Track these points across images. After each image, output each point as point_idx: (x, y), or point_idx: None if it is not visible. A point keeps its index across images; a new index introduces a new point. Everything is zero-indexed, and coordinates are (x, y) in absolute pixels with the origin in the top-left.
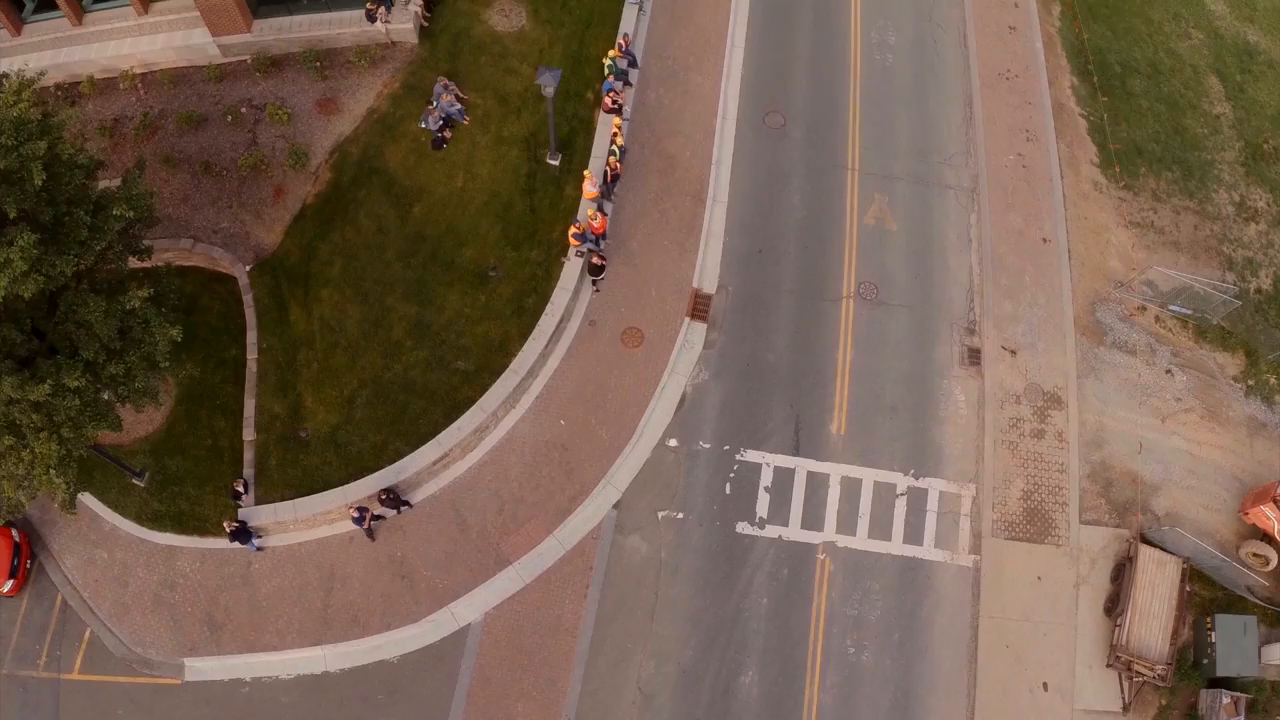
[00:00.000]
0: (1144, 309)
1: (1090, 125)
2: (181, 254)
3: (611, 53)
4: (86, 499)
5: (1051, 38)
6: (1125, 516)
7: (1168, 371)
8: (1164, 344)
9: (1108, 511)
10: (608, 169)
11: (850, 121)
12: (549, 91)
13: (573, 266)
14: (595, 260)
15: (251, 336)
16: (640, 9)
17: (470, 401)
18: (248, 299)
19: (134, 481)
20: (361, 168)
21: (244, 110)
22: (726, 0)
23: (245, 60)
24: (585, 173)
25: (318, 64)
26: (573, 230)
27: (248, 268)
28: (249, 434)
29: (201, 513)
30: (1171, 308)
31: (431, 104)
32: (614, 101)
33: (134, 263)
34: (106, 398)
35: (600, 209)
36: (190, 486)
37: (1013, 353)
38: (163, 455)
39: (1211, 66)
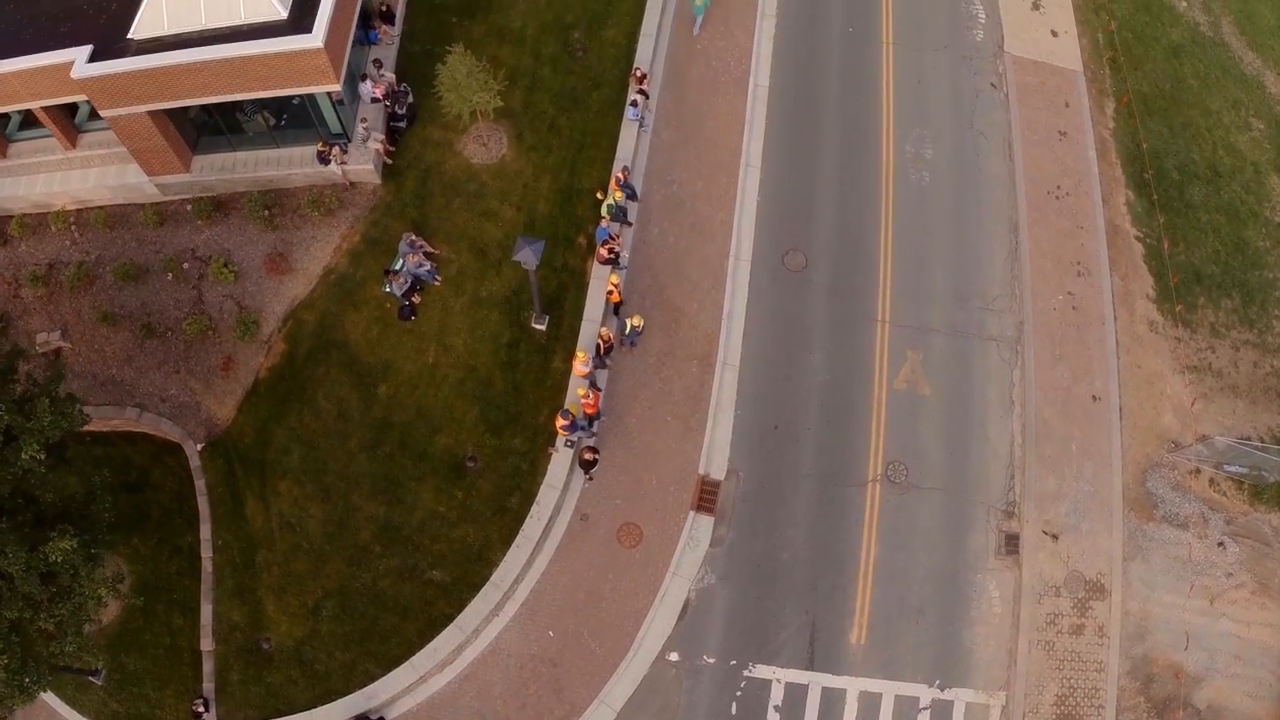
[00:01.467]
0: (1198, 472)
1: (1147, 250)
2: (129, 421)
3: (609, 190)
4: (43, 694)
5: (1105, 142)
6: (1165, 714)
7: (1219, 544)
8: (1217, 511)
9: (1146, 711)
10: (600, 341)
11: (881, 259)
12: (531, 266)
13: (561, 458)
14: (586, 456)
15: (206, 531)
16: (641, 124)
17: (447, 618)
18: (200, 484)
19: (91, 679)
20: (319, 340)
21: (186, 265)
22: (740, 110)
23: (187, 202)
24: (578, 353)
25: (266, 211)
26: (560, 422)
27: (199, 446)
28: (207, 643)
29: (162, 718)
30: (1227, 468)
31: (396, 269)
32: (610, 251)
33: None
34: (28, 681)
35: (593, 384)
36: (150, 689)
37: (1054, 537)
38: (119, 651)
39: (1273, 163)
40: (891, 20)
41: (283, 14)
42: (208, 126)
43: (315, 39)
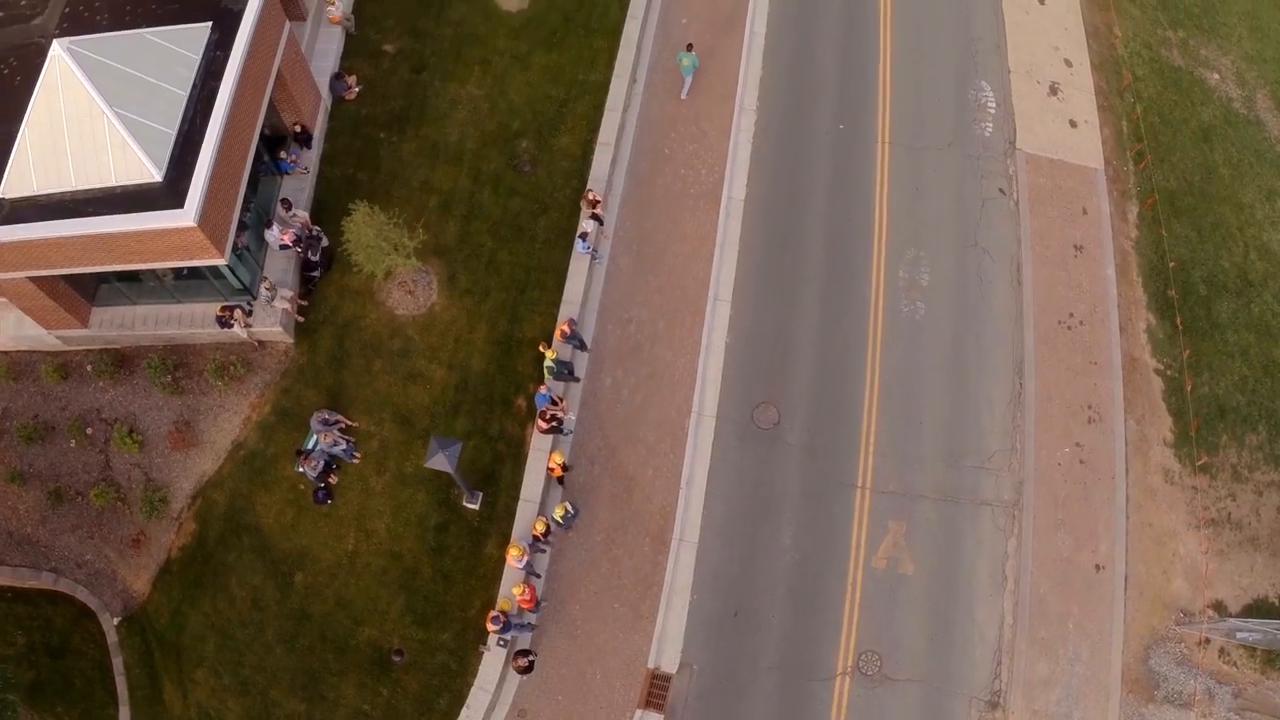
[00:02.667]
0: (1206, 642)
1: (1167, 385)
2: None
3: (549, 351)
4: None
5: (1126, 256)
6: None
7: None
8: (1225, 683)
9: None
10: (535, 532)
11: (865, 413)
12: (448, 469)
13: (493, 658)
14: (520, 663)
15: (125, 714)
16: (594, 256)
17: None
18: (118, 663)
19: None
20: (229, 522)
21: (90, 431)
22: (711, 229)
23: (89, 359)
24: (510, 548)
25: (169, 377)
26: (491, 628)
27: (116, 620)
28: None
29: None
30: (1240, 635)
31: (308, 450)
32: (552, 419)
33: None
34: None
35: (531, 572)
36: None
37: None
38: None
39: None
40: (889, 113)
41: (157, 176)
42: (105, 277)
43: (187, 216)
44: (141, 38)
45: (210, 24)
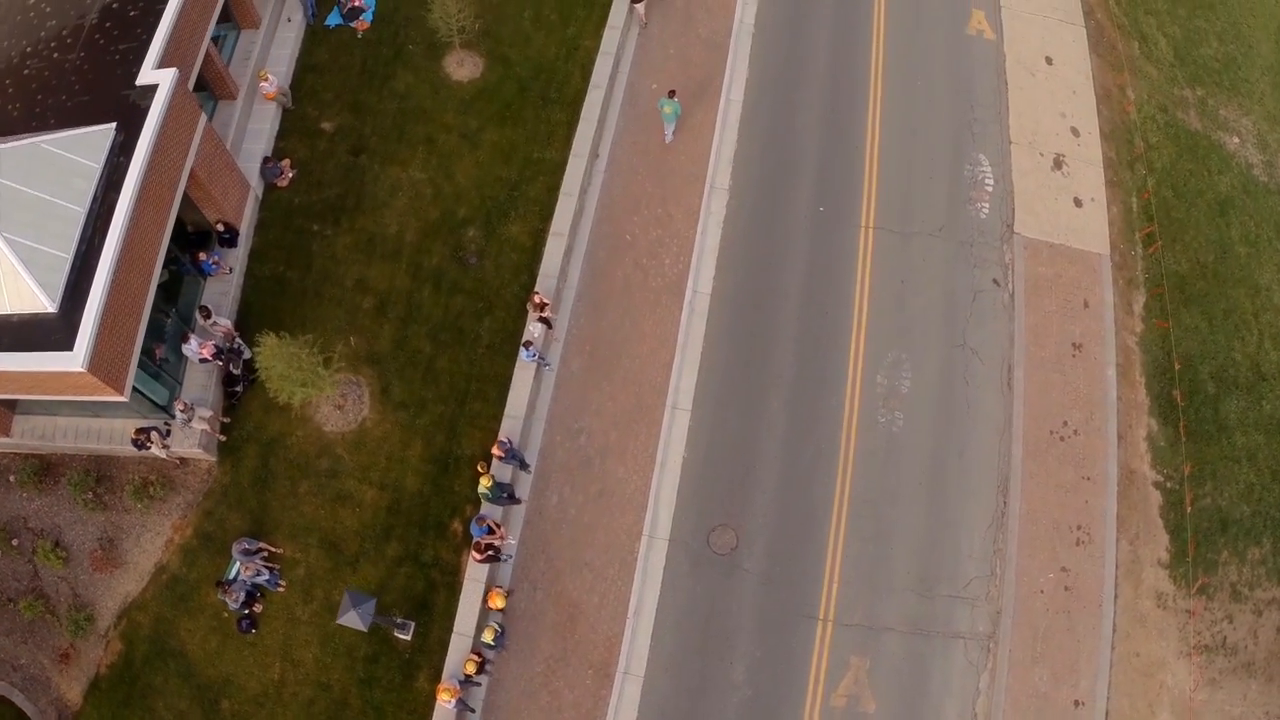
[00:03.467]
0: None
1: (1165, 499)
2: None
3: (484, 479)
4: None
5: (1129, 354)
6: None
7: None
8: None
9: None
10: (466, 671)
11: (831, 537)
12: (361, 628)
13: None
14: None
15: None
16: (542, 362)
17: None
18: None
19: None
20: (155, 646)
21: (15, 541)
22: (672, 328)
23: (11, 469)
24: (440, 688)
25: (90, 493)
26: None
27: None
28: None
29: None
30: None
31: (230, 580)
32: (488, 548)
33: None
34: None
35: (465, 708)
36: None
37: None
38: None
39: None
40: (875, 193)
41: (50, 307)
42: None
43: (76, 359)
44: (36, 148)
45: (114, 125)
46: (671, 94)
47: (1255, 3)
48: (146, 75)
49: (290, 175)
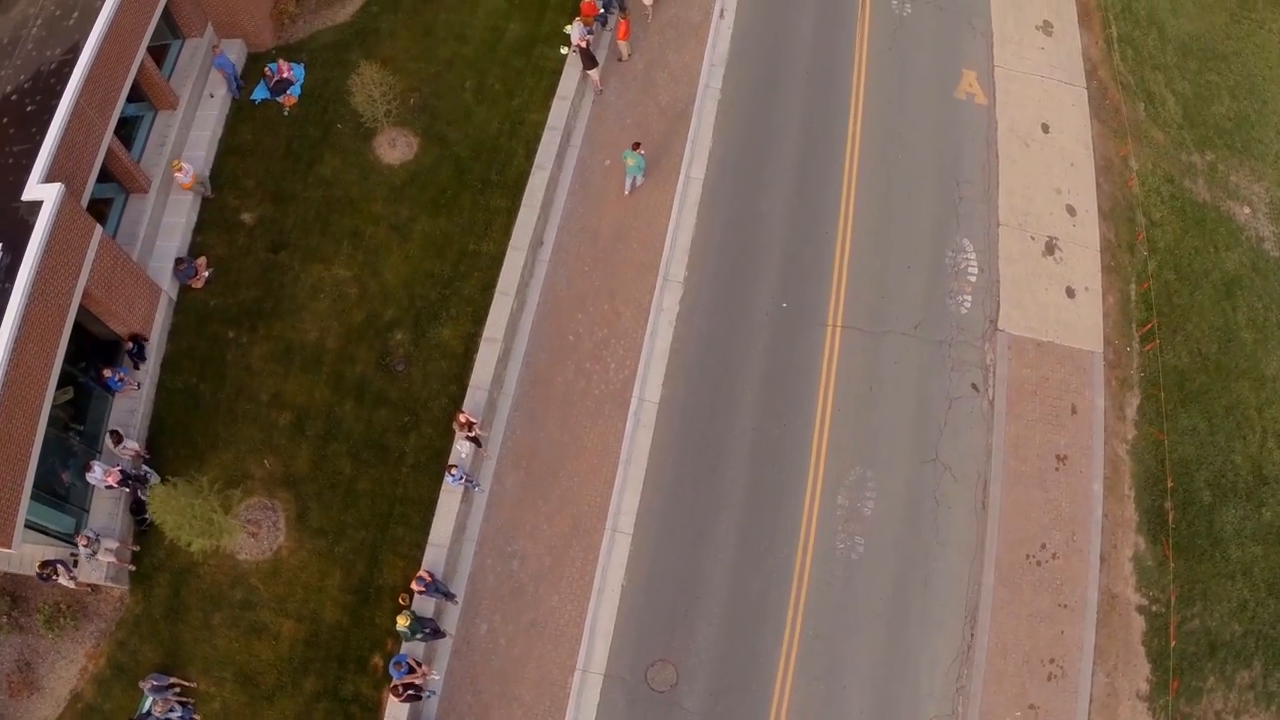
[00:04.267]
0: None
1: (1149, 625)
2: None
3: (402, 618)
4: None
5: (1119, 465)
6: None
7: None
8: None
9: None
10: None
11: (780, 672)
12: None
13: None
14: None
15: None
16: (470, 484)
17: None
18: None
19: None
20: None
21: None
22: (614, 444)
23: None
24: None
25: (5, 617)
26: None
27: None
28: None
29: None
30: None
31: (141, 718)
32: (408, 687)
33: None
34: None
35: None
36: None
37: None
38: None
39: None
40: (845, 286)
41: None
42: None
43: None
44: None
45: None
46: (636, 146)
47: (1271, 53)
48: (32, 190)
49: (206, 275)
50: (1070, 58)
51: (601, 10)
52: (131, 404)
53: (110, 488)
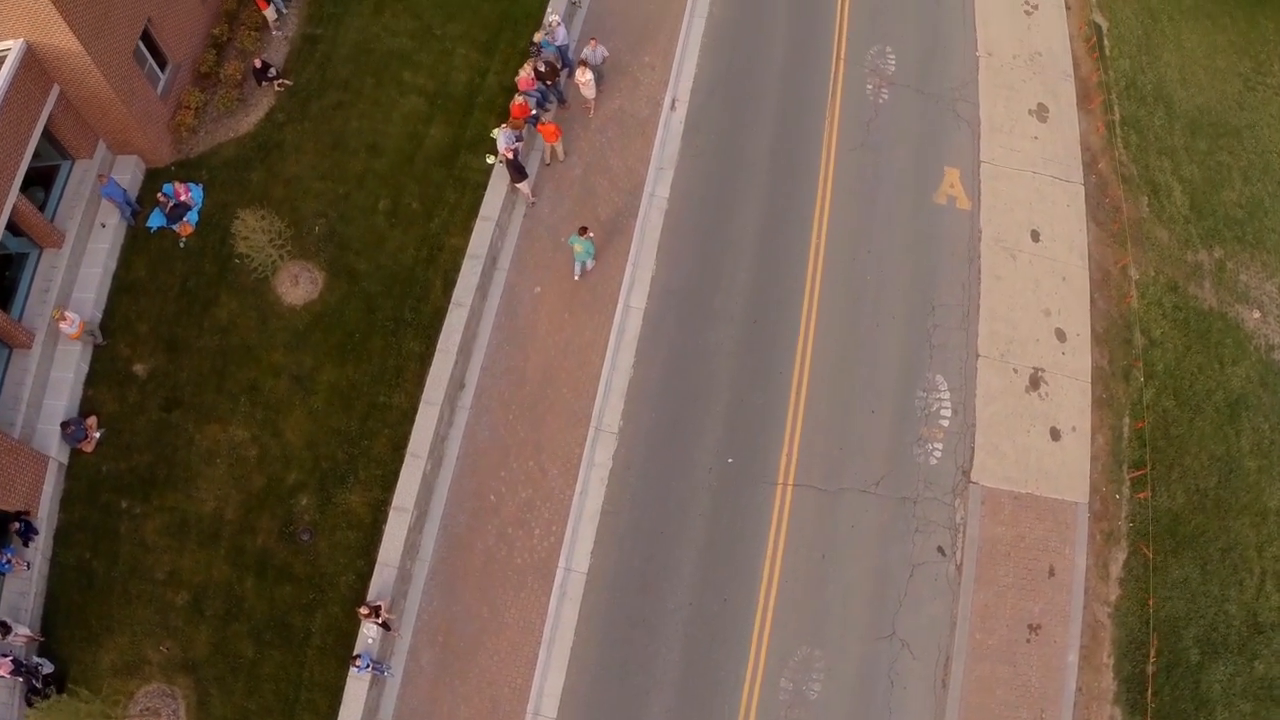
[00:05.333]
0: None
1: None
2: None
3: None
4: None
5: (1098, 630)
6: None
7: None
8: None
9: None
10: None
11: None
12: None
13: None
14: None
15: None
16: (379, 670)
17: None
18: None
19: None
20: None
21: None
22: (537, 618)
23: None
24: None
25: None
26: None
27: None
28: None
29: None
30: None
31: None
32: None
33: None
34: None
35: None
36: None
37: None
38: None
39: None
40: (799, 437)
41: None
42: None
43: None
44: None
45: None
46: (583, 231)
47: None
48: None
49: (97, 437)
50: (1067, 148)
51: (534, 111)
52: (22, 585)
53: (2, 678)
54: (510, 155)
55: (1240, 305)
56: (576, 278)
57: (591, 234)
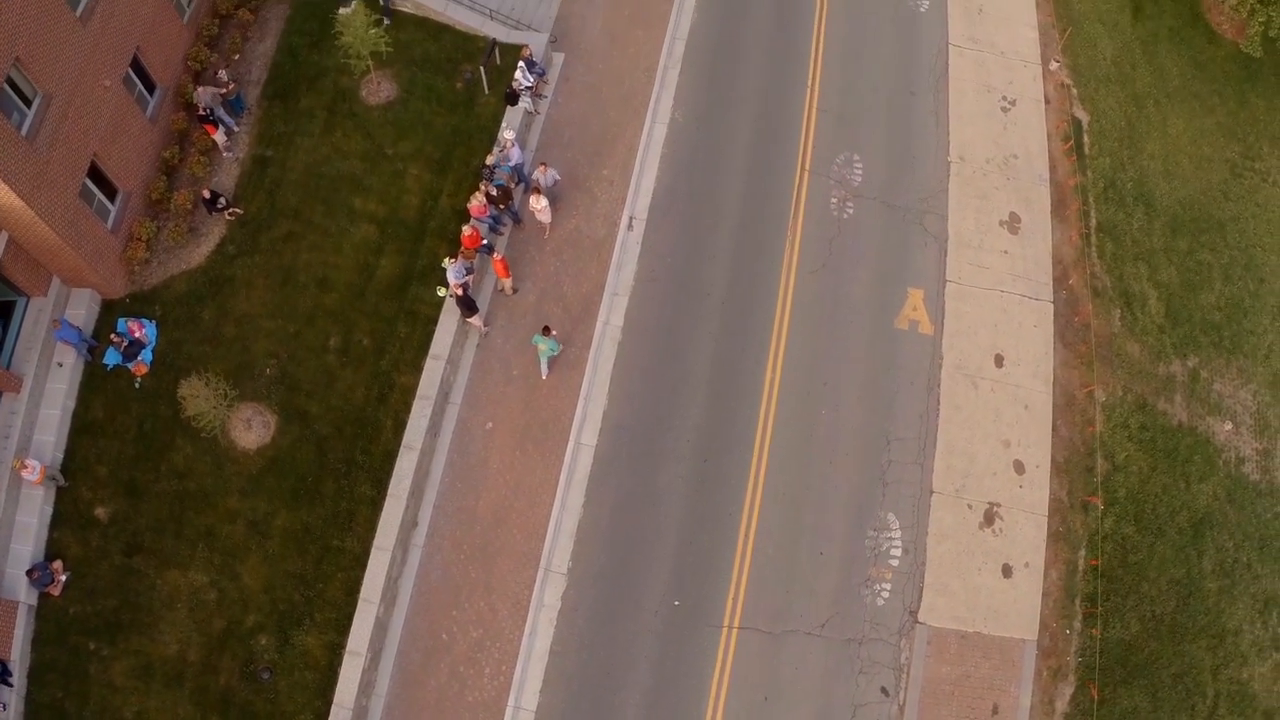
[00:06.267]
0: None
1: None
2: None
3: None
4: None
5: None
6: None
7: None
8: None
9: None
10: None
11: None
12: None
13: None
14: None
15: None
16: None
17: None
18: None
19: None
20: None
21: None
22: None
23: None
24: None
25: None
26: None
27: None
28: None
29: None
30: None
31: None
32: None
33: None
34: None
35: None
36: None
37: None
38: None
39: None
40: (747, 579)
41: None
42: None
43: None
44: None
45: None
46: (546, 330)
47: (1274, 211)
48: None
49: (63, 580)
50: (1038, 262)
51: (485, 241)
52: None
53: None
54: (460, 291)
55: (1212, 418)
56: (544, 377)
57: (555, 332)
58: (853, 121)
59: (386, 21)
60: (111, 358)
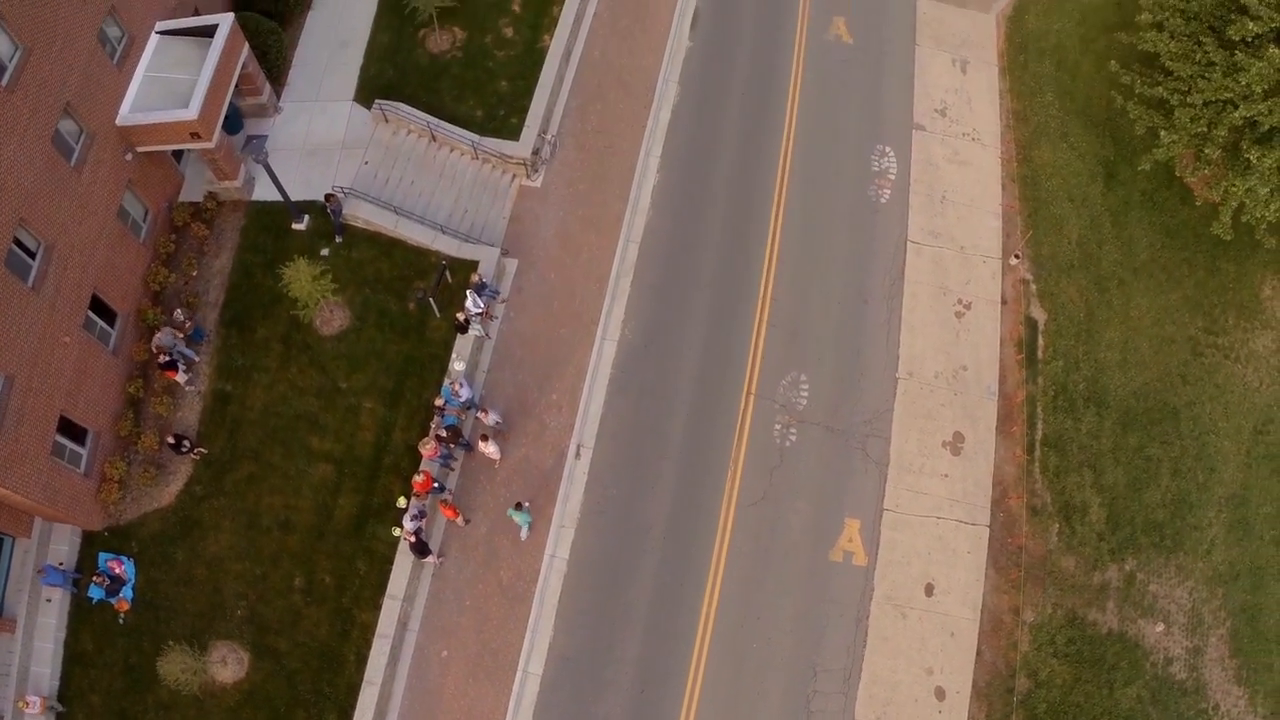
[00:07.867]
0: None
1: None
2: None
3: None
4: None
5: None
6: None
7: None
8: None
9: None
10: None
11: None
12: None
13: None
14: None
15: None
16: None
17: None
18: None
19: None
20: None
21: None
22: None
23: None
24: None
25: None
26: None
27: None
28: None
29: None
30: None
31: None
32: None
33: None
34: None
35: None
36: None
37: None
38: None
39: None
40: None
41: None
42: None
43: None
44: None
45: None
46: (519, 505)
47: (1232, 393)
48: None
49: None
50: (978, 484)
51: (437, 485)
52: None
53: None
54: (412, 539)
55: (1144, 620)
56: (523, 539)
57: (527, 504)
58: (802, 336)
59: (339, 239)
60: (95, 593)
